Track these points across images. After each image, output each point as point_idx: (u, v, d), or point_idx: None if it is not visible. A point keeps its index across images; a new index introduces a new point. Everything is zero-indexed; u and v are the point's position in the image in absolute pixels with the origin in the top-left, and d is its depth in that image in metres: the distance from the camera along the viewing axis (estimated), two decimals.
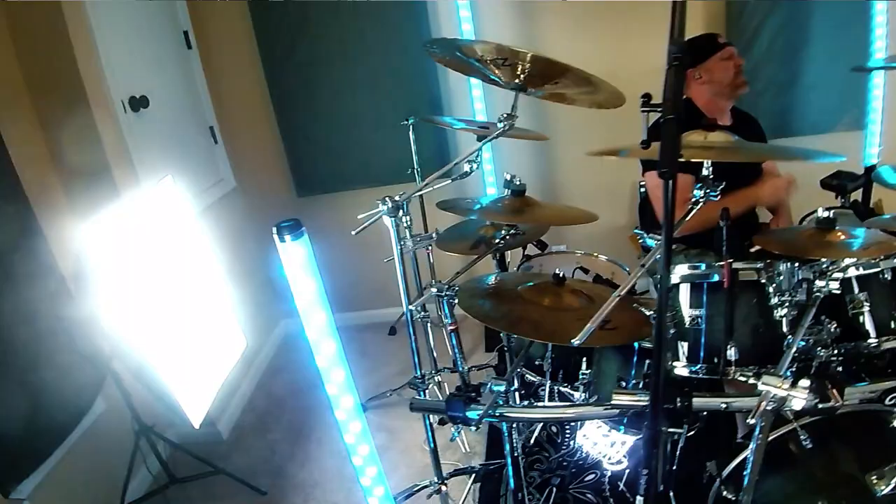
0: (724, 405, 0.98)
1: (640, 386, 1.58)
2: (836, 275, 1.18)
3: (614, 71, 1.82)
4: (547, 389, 1.91)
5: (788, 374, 1.26)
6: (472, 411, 1.18)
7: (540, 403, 1.86)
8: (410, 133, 2.32)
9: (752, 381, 1.00)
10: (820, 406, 1.06)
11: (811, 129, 2.53)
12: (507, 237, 1.60)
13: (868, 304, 1.33)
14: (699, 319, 1.34)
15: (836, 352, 1.14)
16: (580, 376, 1.82)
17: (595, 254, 2.19)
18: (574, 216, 1.58)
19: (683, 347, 1.38)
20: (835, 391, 1.08)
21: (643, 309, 1.17)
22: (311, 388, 2.63)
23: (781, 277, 1.24)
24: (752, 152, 1.20)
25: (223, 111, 2.66)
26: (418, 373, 1.56)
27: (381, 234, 1.38)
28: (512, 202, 1.55)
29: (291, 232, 1.03)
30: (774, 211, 1.95)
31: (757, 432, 1.00)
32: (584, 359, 1.86)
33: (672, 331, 1.39)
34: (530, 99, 1.55)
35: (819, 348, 1.14)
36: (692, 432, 1.49)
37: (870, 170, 2.33)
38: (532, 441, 2.11)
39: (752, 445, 1.02)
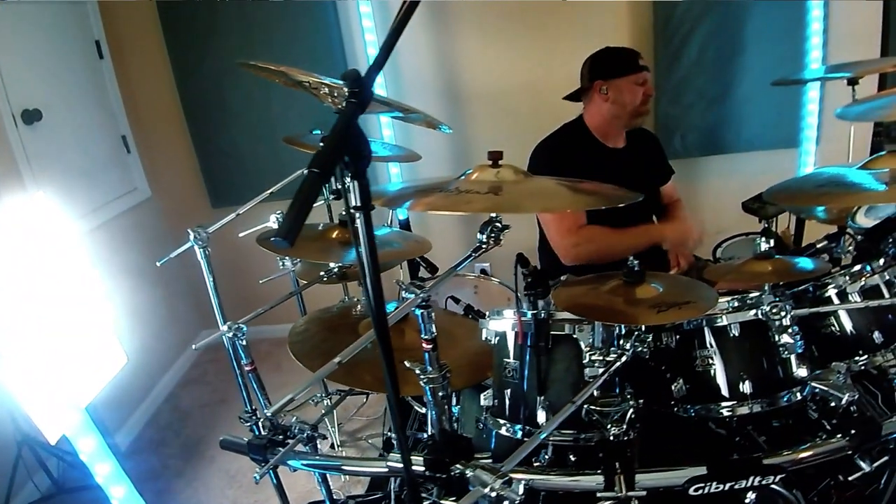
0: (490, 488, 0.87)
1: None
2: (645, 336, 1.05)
3: (535, 78, 1.72)
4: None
5: (544, 458, 1.14)
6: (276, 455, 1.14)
7: (329, 454, 1.74)
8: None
9: (467, 472, 0.88)
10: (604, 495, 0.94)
11: (745, 146, 2.35)
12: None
13: (714, 361, 1.21)
14: (514, 372, 1.23)
15: (631, 429, 1.00)
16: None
17: (492, 277, 2.08)
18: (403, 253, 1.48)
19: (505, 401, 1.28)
20: (622, 478, 0.97)
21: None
22: (218, 403, 2.60)
23: (592, 333, 1.12)
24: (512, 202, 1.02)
25: (138, 120, 2.63)
26: (248, 407, 1.49)
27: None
28: (340, 233, 1.46)
29: None
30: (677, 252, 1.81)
31: None
32: (455, 394, 1.77)
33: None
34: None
35: (611, 424, 1.00)
36: None
37: None
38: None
39: None
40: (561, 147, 1.78)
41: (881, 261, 1.27)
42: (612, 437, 0.99)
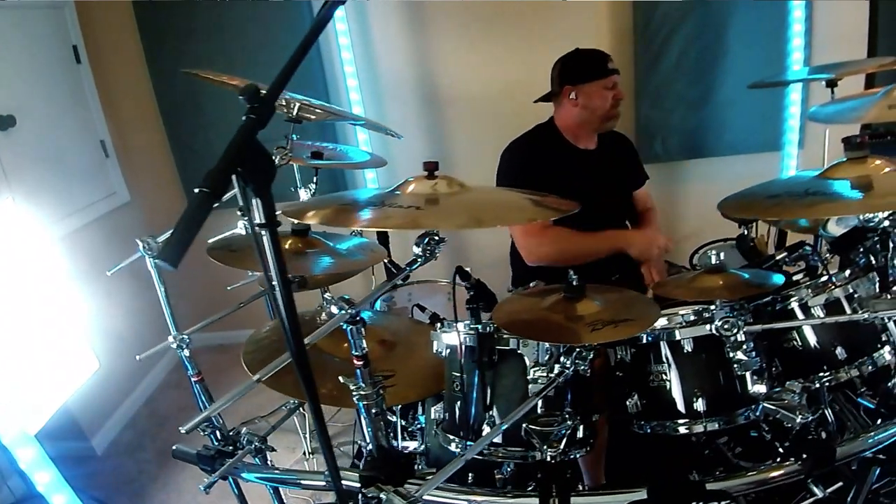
0: None
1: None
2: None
3: (515, 80, 1.68)
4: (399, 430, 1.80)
5: (506, 471, 1.10)
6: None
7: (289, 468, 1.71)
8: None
9: (382, 495, 0.85)
10: None
11: (727, 150, 2.30)
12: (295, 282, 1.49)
13: (668, 377, 1.17)
14: (461, 386, 1.19)
15: (561, 452, 0.96)
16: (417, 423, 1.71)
17: (466, 284, 2.05)
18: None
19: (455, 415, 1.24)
20: (557, 500, 0.93)
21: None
22: (196, 408, 2.59)
23: (536, 348, 1.09)
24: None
25: (116, 124, 2.62)
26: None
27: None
28: (293, 242, 1.43)
29: None
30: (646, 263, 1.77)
31: None
32: (420, 404, 1.74)
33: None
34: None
35: (548, 445, 0.96)
36: None
37: None
38: None
39: None
40: (530, 148, 1.75)
41: (847, 272, 1.22)
42: (549, 459, 0.95)
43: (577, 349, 1.01)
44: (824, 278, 1.22)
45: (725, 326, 1.06)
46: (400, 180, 1.00)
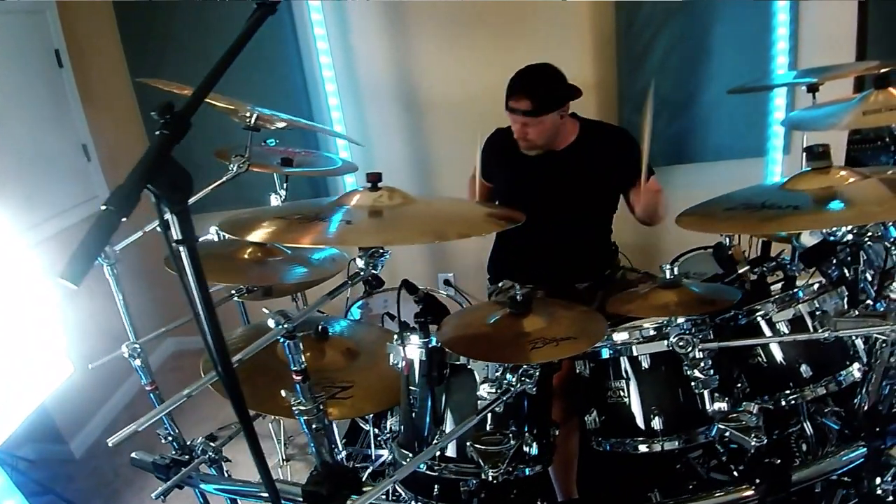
0: None
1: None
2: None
3: (497, 83, 1.64)
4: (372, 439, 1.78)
5: (472, 484, 1.07)
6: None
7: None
8: None
9: None
10: None
11: (712, 156, 2.24)
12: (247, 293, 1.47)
13: (625, 394, 1.14)
14: (414, 400, 1.16)
15: (504, 472, 0.92)
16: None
17: (438, 291, 2.03)
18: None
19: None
20: None
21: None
22: (175, 413, 2.58)
23: (486, 364, 1.06)
24: None
25: (99, 129, 2.62)
26: (167, 424, 1.45)
27: None
28: (253, 252, 1.41)
29: None
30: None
31: None
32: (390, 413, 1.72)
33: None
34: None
35: (489, 466, 0.93)
36: None
37: None
38: None
39: None
40: (489, 145, 1.77)
41: (815, 286, 1.18)
42: (490, 479, 0.92)
43: (523, 367, 0.98)
44: (791, 292, 1.18)
45: (681, 343, 1.02)
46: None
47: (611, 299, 1.15)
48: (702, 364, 1.05)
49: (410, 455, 1.16)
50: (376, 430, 1.74)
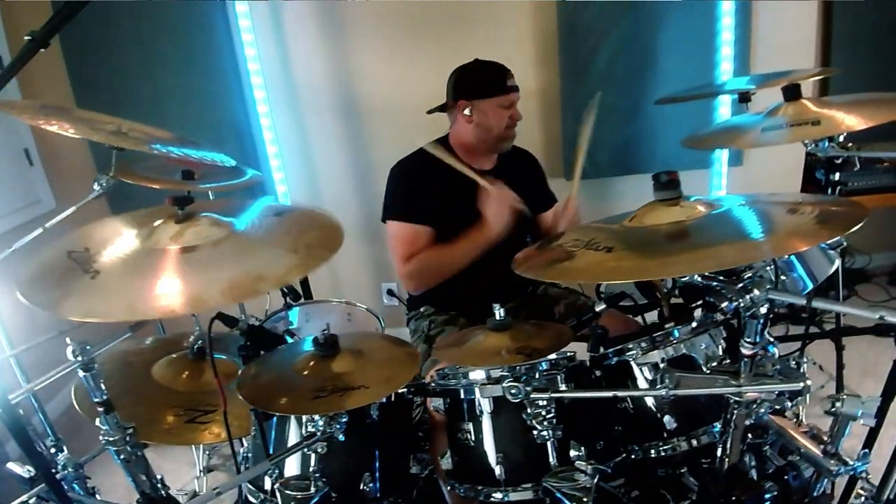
0: None
1: None
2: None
3: (436, 90, 1.56)
4: None
5: None
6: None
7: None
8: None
9: None
10: None
11: (660, 166, 2.07)
12: None
13: (472, 438, 1.03)
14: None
15: None
16: None
17: (357, 303, 1.93)
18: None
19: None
20: None
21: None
22: None
23: None
24: None
25: (40, 132, 2.62)
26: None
27: None
28: None
29: None
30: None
31: None
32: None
33: None
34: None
35: None
36: None
37: None
38: None
39: None
40: (414, 171, 1.61)
41: (690, 326, 1.05)
42: None
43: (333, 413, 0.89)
44: (666, 331, 1.06)
45: (512, 391, 0.92)
46: (327, 195, 0.88)
47: (434, 346, 1.04)
48: (543, 413, 0.94)
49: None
50: None
